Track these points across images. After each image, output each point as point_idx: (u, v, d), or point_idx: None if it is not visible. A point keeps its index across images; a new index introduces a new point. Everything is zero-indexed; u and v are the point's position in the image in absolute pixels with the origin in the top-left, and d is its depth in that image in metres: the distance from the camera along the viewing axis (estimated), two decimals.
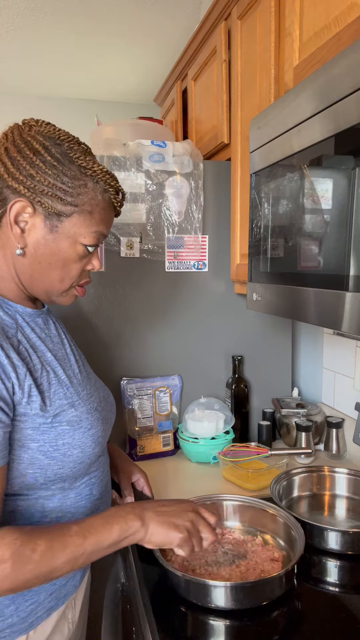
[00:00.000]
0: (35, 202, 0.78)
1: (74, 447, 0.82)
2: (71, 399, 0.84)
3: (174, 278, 1.58)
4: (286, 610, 0.85)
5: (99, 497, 0.91)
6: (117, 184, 0.85)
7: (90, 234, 0.83)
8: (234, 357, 1.62)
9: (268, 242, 1.10)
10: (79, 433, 0.83)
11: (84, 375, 0.93)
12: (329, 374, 1.64)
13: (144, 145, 1.48)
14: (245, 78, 1.35)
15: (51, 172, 0.78)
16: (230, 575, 0.91)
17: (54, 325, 0.94)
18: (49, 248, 0.81)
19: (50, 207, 0.78)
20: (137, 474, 1.14)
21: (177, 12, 2.39)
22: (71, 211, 0.80)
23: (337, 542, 1.00)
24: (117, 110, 3.63)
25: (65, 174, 0.78)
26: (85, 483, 0.88)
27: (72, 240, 0.82)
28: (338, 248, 0.82)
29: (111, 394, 1.04)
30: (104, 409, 0.94)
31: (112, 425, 0.99)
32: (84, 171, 0.80)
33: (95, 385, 0.96)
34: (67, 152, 0.80)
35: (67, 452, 0.81)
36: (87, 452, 0.84)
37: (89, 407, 0.87)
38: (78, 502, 0.87)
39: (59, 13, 2.39)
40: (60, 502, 0.84)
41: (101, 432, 0.88)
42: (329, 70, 0.81)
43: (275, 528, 1.03)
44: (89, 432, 0.85)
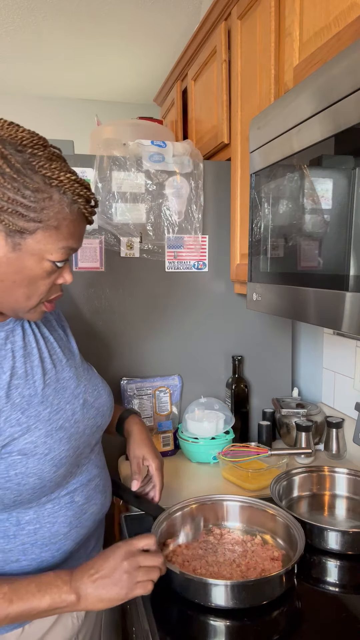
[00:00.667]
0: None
1: (29, 476, 0.78)
2: (26, 424, 0.79)
3: (174, 278, 1.58)
4: (286, 610, 0.86)
5: (84, 502, 0.89)
6: (88, 193, 0.77)
7: (58, 250, 0.76)
8: (234, 357, 1.62)
9: (268, 242, 1.10)
10: (34, 461, 0.78)
11: (52, 388, 0.86)
12: (329, 374, 1.64)
13: (144, 145, 1.49)
14: (245, 78, 1.35)
15: (11, 185, 0.70)
16: (231, 575, 0.91)
17: (22, 335, 0.86)
18: (11, 266, 0.74)
19: (11, 224, 0.71)
20: (149, 459, 1.08)
21: (177, 12, 2.39)
22: (35, 227, 0.73)
23: (337, 542, 1.00)
24: (117, 110, 3.63)
25: (27, 187, 0.71)
26: (62, 494, 0.85)
27: (38, 257, 0.75)
28: (338, 248, 0.82)
29: (104, 396, 0.97)
30: (79, 421, 0.88)
31: (100, 429, 0.95)
32: (49, 182, 0.72)
33: (72, 395, 0.89)
34: (30, 160, 0.72)
35: (22, 481, 0.77)
36: (47, 477, 0.80)
37: (50, 428, 0.81)
38: (57, 511, 0.84)
39: (59, 13, 2.39)
40: (36, 514, 0.82)
41: (65, 451, 0.83)
42: (329, 70, 0.81)
43: (275, 528, 1.03)
44: (46, 457, 0.79)
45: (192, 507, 1.08)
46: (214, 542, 1.02)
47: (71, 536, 0.87)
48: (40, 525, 0.82)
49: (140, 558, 0.79)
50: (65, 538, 0.86)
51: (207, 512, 1.09)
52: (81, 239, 0.81)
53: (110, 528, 1.41)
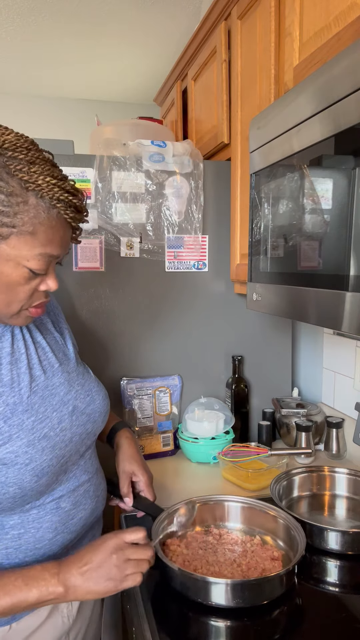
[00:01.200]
0: None
1: (9, 485, 0.77)
2: (8, 433, 0.78)
3: (174, 278, 1.58)
4: (286, 610, 0.86)
5: (72, 508, 0.88)
6: (70, 197, 0.74)
7: (35, 257, 0.73)
8: (234, 357, 1.62)
9: (268, 242, 1.10)
10: (14, 470, 0.77)
11: (39, 396, 0.85)
12: (329, 374, 1.64)
13: (144, 145, 1.49)
14: (245, 78, 1.35)
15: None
16: (232, 574, 0.91)
17: (11, 341, 0.85)
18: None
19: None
20: (138, 474, 1.05)
21: (177, 12, 2.39)
22: (8, 232, 0.71)
23: (337, 542, 1.00)
24: (117, 110, 3.63)
25: (1, 191, 0.69)
26: (47, 501, 0.84)
27: (14, 263, 0.73)
28: (338, 248, 0.82)
29: (98, 401, 0.95)
30: (66, 429, 0.87)
31: (91, 435, 0.93)
32: (25, 185, 0.70)
33: (61, 402, 0.88)
34: (7, 164, 0.70)
35: (1, 490, 0.77)
36: (27, 486, 0.79)
37: (32, 438, 0.80)
38: (42, 517, 0.84)
39: (59, 13, 2.39)
40: (20, 518, 0.82)
41: (48, 461, 0.82)
42: (329, 70, 0.81)
43: (276, 528, 1.03)
44: (27, 467, 0.78)
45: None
46: (214, 543, 1.02)
47: (57, 542, 0.86)
48: (25, 530, 0.82)
49: (129, 551, 0.79)
50: (51, 544, 0.85)
51: (207, 513, 1.09)
52: (63, 246, 0.78)
53: (110, 528, 1.41)
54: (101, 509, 0.97)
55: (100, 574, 0.76)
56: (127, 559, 0.78)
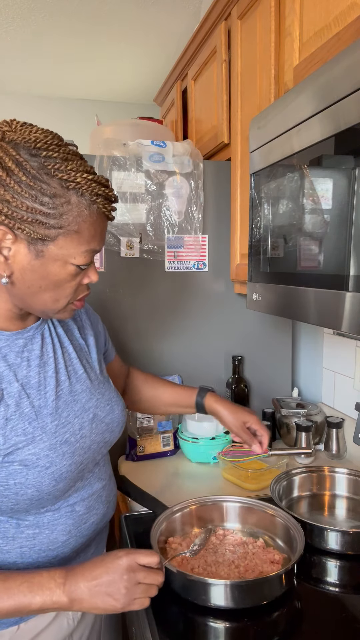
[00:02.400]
0: (16, 229, 0.71)
1: (27, 487, 0.77)
2: (31, 434, 0.79)
3: (174, 278, 1.58)
4: (286, 610, 0.85)
5: (85, 512, 0.88)
6: (107, 191, 0.76)
7: (81, 254, 0.76)
8: (234, 357, 1.62)
9: (268, 242, 1.10)
10: (34, 473, 0.77)
11: (63, 400, 0.85)
12: (329, 374, 1.64)
13: (144, 145, 1.48)
14: (245, 78, 1.35)
15: (28, 194, 0.69)
16: (228, 575, 0.91)
17: (40, 344, 0.86)
18: (37, 273, 0.75)
19: (33, 233, 0.71)
20: (249, 420, 1.13)
21: (177, 12, 2.39)
22: (56, 234, 0.72)
23: (337, 542, 1.00)
24: (117, 110, 3.63)
25: (45, 194, 0.70)
26: (62, 505, 0.84)
27: (62, 262, 0.75)
28: (338, 248, 0.82)
29: (116, 411, 0.95)
30: (86, 436, 0.87)
31: (107, 444, 0.93)
32: (66, 185, 0.71)
33: (83, 408, 0.88)
34: (45, 165, 0.70)
35: (20, 491, 0.77)
36: (45, 490, 0.79)
37: (54, 442, 0.81)
38: (57, 519, 0.84)
39: (59, 13, 2.39)
40: (35, 519, 0.82)
41: (67, 466, 0.82)
42: (329, 70, 0.81)
43: (275, 529, 1.03)
44: (47, 471, 0.79)
45: (192, 508, 1.07)
46: (216, 543, 1.01)
47: (70, 544, 0.86)
48: (40, 530, 0.82)
49: (141, 574, 0.77)
50: (64, 546, 0.85)
51: (206, 513, 1.09)
52: (103, 239, 0.80)
53: (110, 528, 1.41)
54: (111, 514, 0.97)
55: (109, 592, 0.74)
56: (137, 582, 0.76)
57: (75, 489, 0.86)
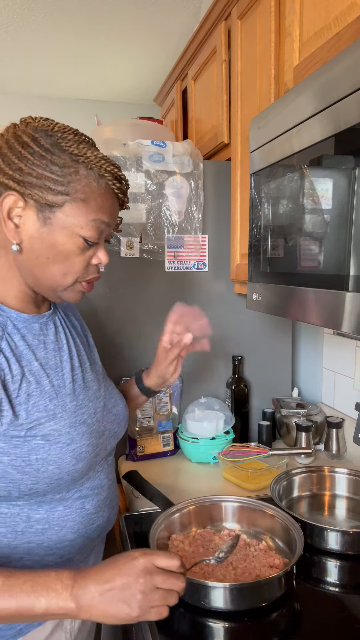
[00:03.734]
0: (26, 195, 0.75)
1: (49, 463, 0.77)
2: (52, 411, 0.80)
3: (174, 278, 1.58)
4: (286, 611, 0.85)
5: (93, 512, 0.87)
6: (116, 171, 0.80)
7: (88, 224, 0.78)
8: (234, 357, 1.62)
9: (268, 242, 1.10)
10: (56, 448, 0.78)
11: (78, 384, 0.88)
12: (329, 374, 1.64)
13: (144, 145, 1.48)
14: (245, 78, 1.35)
15: (39, 162, 0.74)
16: (224, 577, 0.90)
17: (54, 331, 0.89)
18: (45, 242, 0.77)
19: (41, 199, 0.75)
20: (174, 328, 1.13)
21: (177, 12, 2.39)
22: (63, 200, 0.76)
23: (337, 542, 1.00)
24: (117, 110, 3.63)
25: (55, 163, 0.75)
26: (74, 497, 0.84)
27: (69, 231, 0.78)
28: (338, 248, 0.82)
29: (121, 405, 0.99)
30: (100, 421, 0.90)
31: (115, 437, 0.95)
32: (76, 158, 0.76)
33: (95, 395, 0.91)
34: (58, 142, 0.76)
35: (41, 467, 0.76)
36: (66, 468, 0.79)
37: (74, 420, 0.82)
38: (67, 515, 0.82)
39: (59, 13, 2.39)
40: (47, 513, 0.81)
41: (86, 446, 0.83)
42: (329, 70, 0.81)
43: (275, 529, 1.03)
44: (68, 448, 0.79)
45: (191, 508, 1.07)
46: (218, 542, 1.01)
47: (77, 545, 0.85)
48: (49, 526, 0.81)
49: (159, 578, 0.68)
50: (71, 545, 0.84)
51: (205, 513, 1.09)
52: (112, 215, 0.82)
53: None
54: (112, 523, 0.95)
55: (122, 598, 0.66)
56: (155, 586, 0.67)
57: (88, 477, 0.87)
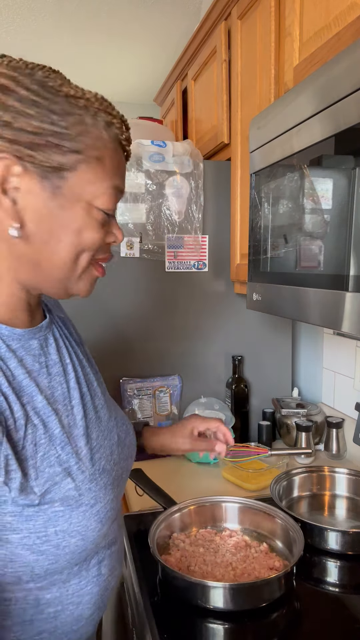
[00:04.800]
0: (24, 158, 0.54)
1: (71, 535, 0.59)
2: (67, 463, 0.60)
3: (174, 278, 1.58)
4: (286, 611, 0.85)
5: (109, 574, 0.70)
6: (120, 113, 0.61)
7: (106, 192, 0.59)
8: (234, 357, 1.62)
9: (268, 242, 1.10)
10: (78, 514, 0.59)
11: (90, 418, 0.68)
12: (329, 374, 1.64)
13: (144, 145, 1.48)
14: (245, 78, 1.35)
15: (33, 111, 0.54)
16: (222, 576, 0.90)
17: (55, 347, 0.68)
18: (54, 219, 0.58)
19: (45, 160, 0.55)
20: (198, 425, 0.95)
21: (177, 12, 2.39)
22: (74, 160, 0.56)
23: (337, 542, 1.00)
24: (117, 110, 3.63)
25: (53, 111, 0.55)
26: (92, 564, 0.66)
27: (85, 204, 0.59)
28: (338, 248, 0.82)
29: (131, 432, 0.78)
30: (117, 462, 0.69)
31: (126, 476, 0.75)
32: (75, 102, 0.56)
33: (107, 428, 0.71)
34: (45, 81, 0.56)
35: (61, 542, 0.58)
36: (91, 537, 0.61)
37: (94, 470, 0.63)
38: (82, 588, 0.65)
39: (59, 13, 2.39)
40: (59, 591, 0.63)
41: (110, 502, 0.64)
42: (329, 70, 0.81)
43: (275, 529, 1.03)
44: (92, 510, 0.61)
45: (191, 508, 1.07)
46: (219, 543, 1.01)
47: (93, 620, 0.69)
48: (62, 607, 0.63)
49: None
50: (88, 623, 0.68)
51: (205, 513, 1.09)
52: (124, 178, 0.63)
53: None
54: (119, 579, 0.79)
55: None
56: None
57: (107, 540, 0.69)
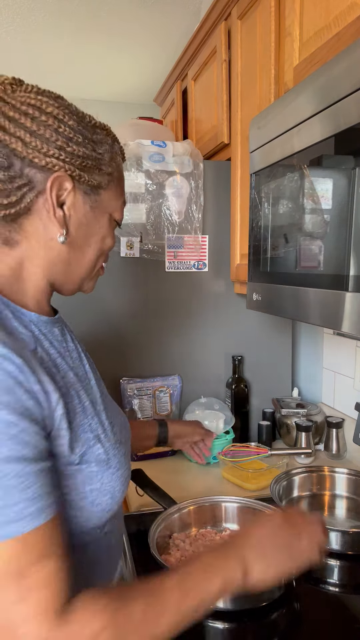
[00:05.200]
0: (75, 177, 0.64)
1: (104, 493, 0.65)
2: (96, 431, 0.67)
3: (174, 278, 1.58)
4: (286, 611, 0.85)
5: (115, 546, 0.76)
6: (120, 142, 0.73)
7: (121, 206, 0.72)
8: (234, 357, 1.62)
9: (268, 242, 1.10)
10: (108, 475, 0.66)
11: (105, 397, 0.76)
12: (329, 374, 1.64)
13: (144, 145, 1.48)
14: (245, 78, 1.35)
15: (80, 138, 0.64)
16: None
17: (70, 336, 0.76)
18: (90, 228, 0.68)
19: (89, 180, 0.66)
20: (192, 436, 1.22)
21: (177, 12, 2.39)
22: (107, 180, 0.68)
23: (337, 542, 1.00)
24: (117, 110, 3.63)
25: (93, 139, 0.66)
26: (104, 532, 0.71)
27: (108, 215, 0.70)
28: (338, 248, 0.82)
29: (127, 425, 0.84)
30: (127, 439, 0.77)
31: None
32: (101, 132, 0.68)
33: (115, 408, 0.80)
34: (79, 111, 0.67)
35: (96, 500, 0.64)
36: (117, 497, 0.67)
37: (115, 440, 0.70)
38: (97, 557, 0.70)
39: (58, 13, 2.39)
40: (74, 562, 0.63)
41: (128, 470, 0.72)
42: (329, 70, 0.81)
43: None
44: (118, 473, 0.67)
45: (191, 508, 1.07)
46: (220, 543, 1.01)
47: None
48: (75, 580, 0.63)
49: (300, 523, 0.73)
50: None
51: (205, 513, 1.09)
52: None
53: None
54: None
55: (275, 547, 0.69)
56: (299, 531, 0.72)
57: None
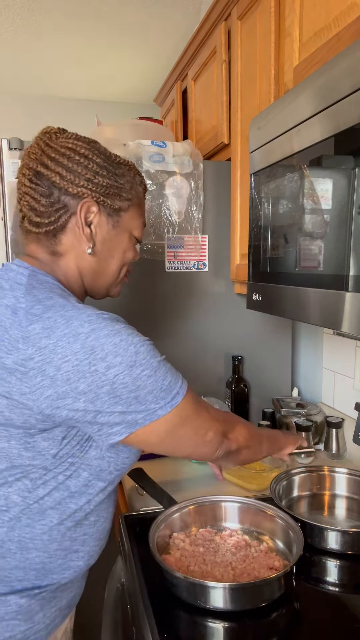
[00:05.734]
0: (100, 202, 0.84)
1: (134, 453, 0.87)
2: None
3: (174, 278, 1.58)
4: (286, 611, 0.85)
5: (113, 495, 0.92)
6: (143, 176, 0.95)
7: (140, 226, 0.92)
8: (234, 357, 1.62)
9: (268, 242, 1.10)
10: None
11: None
12: (329, 374, 1.64)
13: (144, 145, 1.49)
14: (245, 78, 1.35)
15: (105, 172, 0.85)
16: (222, 576, 0.90)
17: None
18: (112, 242, 0.89)
19: (112, 204, 0.86)
20: None
21: (177, 13, 2.39)
22: (127, 205, 0.89)
23: (337, 542, 1.00)
24: (117, 110, 3.63)
25: (116, 173, 0.86)
26: (113, 492, 0.90)
27: (128, 233, 0.91)
28: (338, 248, 0.82)
29: None
30: None
31: None
32: (123, 167, 0.88)
33: None
34: (105, 151, 0.87)
35: (127, 460, 0.86)
36: (136, 455, 0.88)
37: None
38: (108, 507, 0.89)
39: (58, 13, 2.40)
40: (96, 506, 0.86)
41: None
42: (329, 70, 0.81)
43: (275, 529, 1.03)
44: None
45: (191, 508, 1.07)
46: (220, 543, 1.01)
47: (107, 535, 0.91)
48: (97, 517, 0.87)
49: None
50: (106, 536, 0.91)
51: (206, 513, 1.09)
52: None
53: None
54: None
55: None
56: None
57: None
